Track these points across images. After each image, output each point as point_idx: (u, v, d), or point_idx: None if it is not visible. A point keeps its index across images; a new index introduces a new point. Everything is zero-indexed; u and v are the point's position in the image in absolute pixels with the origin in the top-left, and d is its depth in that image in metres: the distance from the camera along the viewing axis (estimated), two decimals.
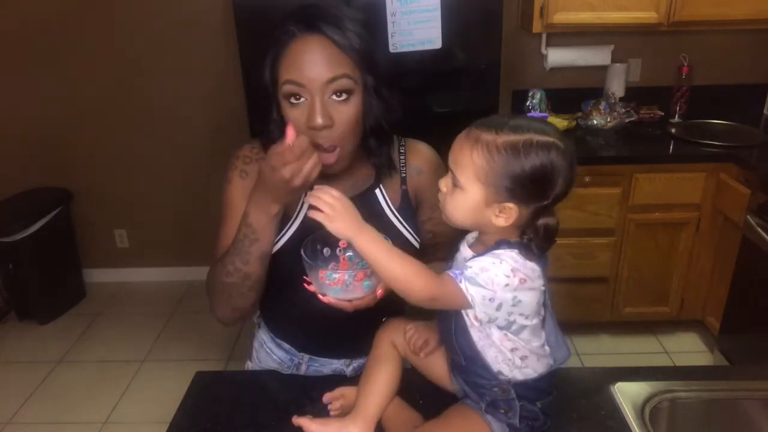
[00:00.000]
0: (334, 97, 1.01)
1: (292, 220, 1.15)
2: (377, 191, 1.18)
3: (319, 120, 0.99)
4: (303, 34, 1.00)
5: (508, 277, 0.83)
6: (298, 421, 0.97)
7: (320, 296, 0.99)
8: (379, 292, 0.99)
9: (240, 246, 1.05)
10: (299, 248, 1.00)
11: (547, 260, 0.88)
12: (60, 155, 3.25)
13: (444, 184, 0.88)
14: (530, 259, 0.85)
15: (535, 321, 0.89)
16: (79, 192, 3.31)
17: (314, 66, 0.99)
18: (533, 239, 0.84)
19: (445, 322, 0.98)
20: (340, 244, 1.04)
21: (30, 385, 2.69)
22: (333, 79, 1.00)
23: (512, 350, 0.90)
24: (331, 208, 0.87)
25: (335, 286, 0.99)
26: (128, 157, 3.26)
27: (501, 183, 0.81)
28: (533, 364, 0.92)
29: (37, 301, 3.13)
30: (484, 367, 0.92)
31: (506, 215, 0.84)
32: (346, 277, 0.99)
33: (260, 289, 1.13)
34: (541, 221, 0.83)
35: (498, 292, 0.83)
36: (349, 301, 0.99)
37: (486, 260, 0.84)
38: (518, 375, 0.92)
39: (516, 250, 0.85)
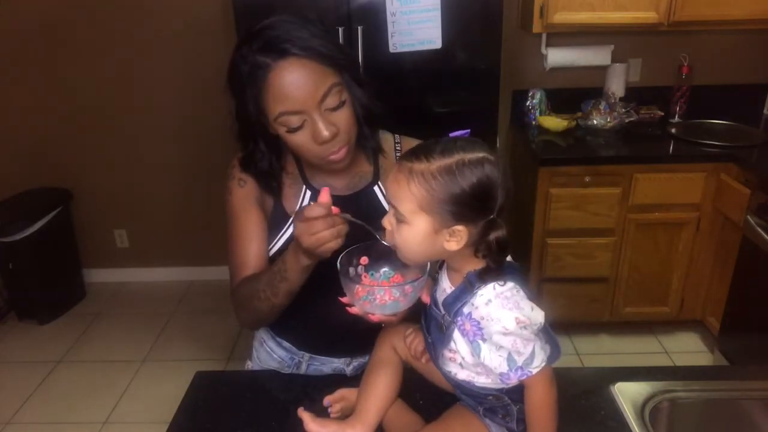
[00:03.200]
0: (329, 106, 1.01)
1: (291, 220, 1.16)
2: (376, 188, 1.19)
3: (325, 133, 1.00)
4: (276, 63, 0.98)
5: (511, 331, 0.83)
6: (302, 414, 0.97)
7: (370, 316, 0.97)
8: (426, 298, 0.97)
9: (272, 279, 1.06)
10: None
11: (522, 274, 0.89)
12: (60, 155, 3.25)
13: (388, 222, 0.88)
14: (504, 278, 0.85)
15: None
16: (79, 192, 3.31)
17: (303, 89, 0.98)
18: (487, 255, 0.84)
19: (429, 348, 0.97)
20: (361, 261, 1.01)
21: (30, 385, 2.69)
22: (326, 95, 1.00)
23: (500, 374, 0.88)
24: None
25: (384, 303, 0.95)
26: (128, 158, 3.26)
27: (444, 208, 0.81)
28: None
29: (37, 301, 3.13)
30: (474, 385, 0.93)
31: (457, 238, 0.83)
32: (396, 293, 0.96)
33: (284, 310, 1.15)
34: (492, 236, 0.82)
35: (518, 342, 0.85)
36: (395, 314, 0.97)
37: (505, 340, 0.84)
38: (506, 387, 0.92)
39: (493, 283, 0.85)
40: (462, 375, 0.93)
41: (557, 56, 2.87)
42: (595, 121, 2.77)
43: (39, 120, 3.18)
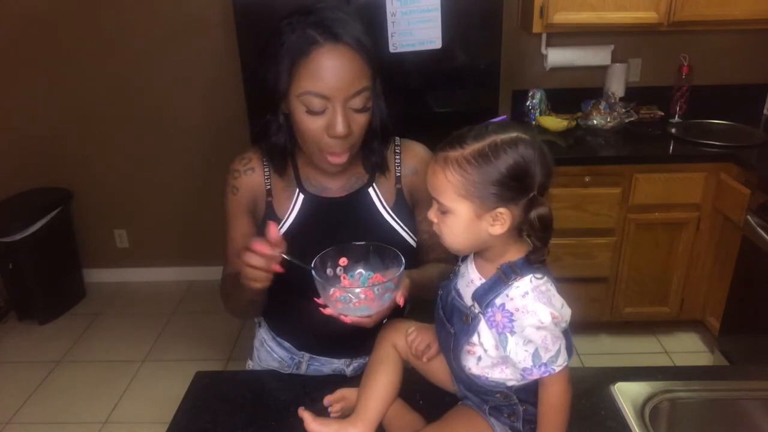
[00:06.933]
0: (353, 106, 1.02)
1: (284, 220, 1.16)
2: (370, 190, 1.19)
3: (341, 129, 1.00)
4: (326, 43, 0.98)
5: (546, 326, 0.84)
6: (303, 413, 0.97)
7: (342, 317, 0.98)
8: (401, 300, 0.98)
9: (237, 285, 1.07)
10: (292, 249, 1.02)
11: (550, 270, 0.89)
12: (60, 155, 3.25)
13: (433, 215, 0.89)
14: (541, 272, 0.85)
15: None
16: (79, 192, 3.31)
17: (340, 79, 0.98)
18: (531, 234, 0.85)
19: (444, 341, 0.97)
20: (340, 262, 1.03)
21: (30, 385, 2.69)
22: (357, 93, 1.00)
23: (523, 369, 0.89)
24: None
25: (358, 306, 0.96)
26: (128, 157, 3.26)
27: (483, 191, 0.82)
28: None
29: (37, 301, 3.13)
30: (486, 380, 0.93)
31: (501, 221, 0.84)
32: (373, 294, 0.96)
33: (261, 308, 1.22)
34: (534, 213, 0.83)
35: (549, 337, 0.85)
36: (369, 316, 0.98)
37: (536, 334, 0.84)
38: (521, 382, 0.92)
39: (529, 275, 0.85)
40: (476, 370, 0.92)
41: (557, 56, 2.87)
42: (595, 121, 2.77)
43: (39, 120, 3.18)
